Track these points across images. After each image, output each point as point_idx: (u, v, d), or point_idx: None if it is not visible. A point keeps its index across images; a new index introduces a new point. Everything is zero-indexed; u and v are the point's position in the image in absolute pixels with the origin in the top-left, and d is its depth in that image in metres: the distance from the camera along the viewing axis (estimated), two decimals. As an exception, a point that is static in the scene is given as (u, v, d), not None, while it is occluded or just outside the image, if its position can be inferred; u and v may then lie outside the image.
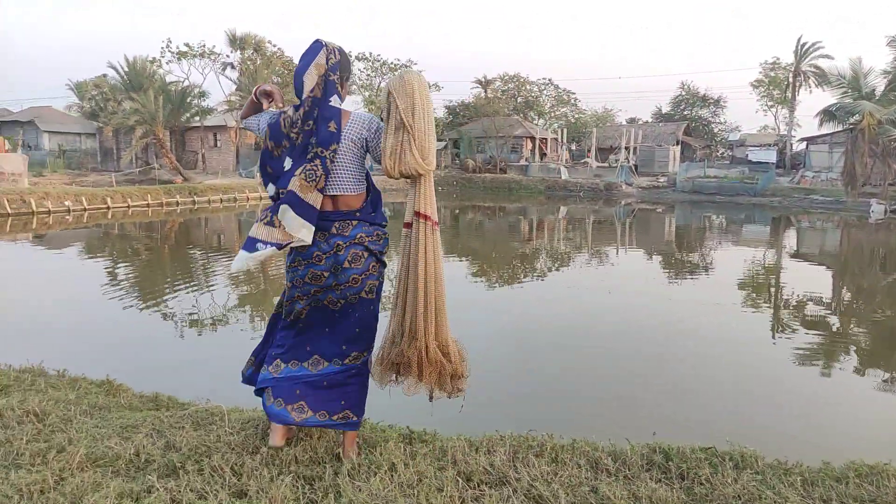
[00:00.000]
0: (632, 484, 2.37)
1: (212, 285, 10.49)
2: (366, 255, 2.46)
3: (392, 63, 41.07)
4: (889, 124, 21.23)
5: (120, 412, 3.29)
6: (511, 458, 2.57)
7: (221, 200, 25.39)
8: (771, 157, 36.02)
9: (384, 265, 2.58)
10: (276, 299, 2.76)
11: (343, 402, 2.50)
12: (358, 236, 2.44)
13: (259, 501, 2.18)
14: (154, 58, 33.54)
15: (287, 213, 2.36)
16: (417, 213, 2.43)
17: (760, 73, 45.10)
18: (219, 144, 36.29)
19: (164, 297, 9.43)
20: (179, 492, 2.25)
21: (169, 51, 34.40)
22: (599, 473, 2.48)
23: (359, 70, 41.12)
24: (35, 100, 63.22)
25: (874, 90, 25.60)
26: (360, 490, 2.22)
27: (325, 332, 2.52)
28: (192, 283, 10.71)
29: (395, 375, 2.54)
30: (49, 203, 20.01)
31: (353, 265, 2.43)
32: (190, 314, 8.23)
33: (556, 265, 13.79)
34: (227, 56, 34.90)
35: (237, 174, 32.59)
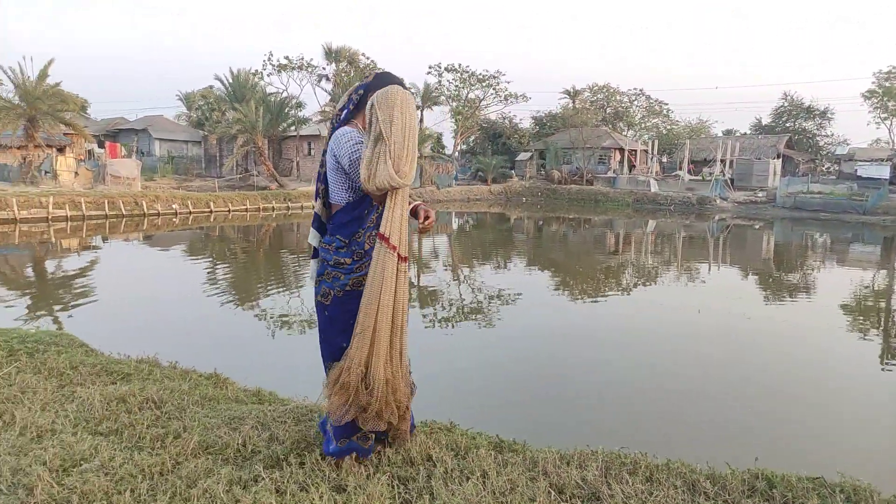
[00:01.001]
0: None
1: (302, 286, 10.95)
2: (322, 261, 2.60)
3: (481, 74, 41.36)
4: None
5: (227, 404, 3.50)
6: (604, 473, 2.55)
7: (313, 207, 26.32)
8: (883, 172, 33.43)
9: (340, 277, 2.51)
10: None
11: None
12: (320, 242, 2.64)
13: (357, 497, 2.27)
14: (256, 70, 35.51)
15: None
16: (381, 236, 2.36)
17: (874, 82, 42.03)
18: (312, 153, 37.79)
19: (259, 297, 9.95)
20: (283, 482, 2.39)
21: (270, 63, 36.31)
22: (697, 496, 2.41)
23: (448, 81, 41.73)
24: (148, 109, 68.50)
25: None
26: (453, 494, 2.27)
27: None
28: (284, 285, 11.24)
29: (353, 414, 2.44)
30: (159, 206, 21.57)
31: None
32: (283, 315, 8.63)
33: (643, 280, 13.39)
34: (323, 69, 36.43)
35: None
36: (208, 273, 12.48)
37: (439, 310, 9.42)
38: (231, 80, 32.89)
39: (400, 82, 2.47)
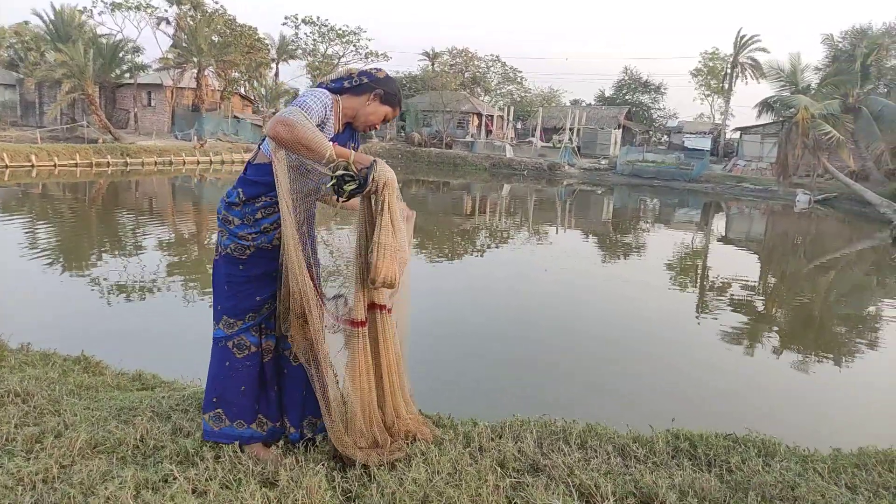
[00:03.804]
0: (662, 471, 2.37)
1: (142, 250, 10.15)
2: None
3: (340, 29, 40.07)
4: (821, 119, 22.30)
5: (109, 392, 3.11)
6: (538, 444, 2.54)
7: (156, 163, 24.36)
8: (706, 144, 37.27)
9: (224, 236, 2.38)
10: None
11: None
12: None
13: (294, 492, 2.03)
14: (85, 7, 31.70)
15: None
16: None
17: (700, 62, 46.46)
18: (153, 104, 34.65)
19: (97, 264, 9.08)
20: (201, 481, 2.09)
21: (101, 1, 32.51)
22: (629, 460, 2.47)
23: (305, 34, 40.01)
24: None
25: (809, 85, 26.82)
26: (401, 481, 2.11)
27: None
28: (121, 249, 10.34)
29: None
30: (-36, 158, 18.75)
31: None
32: (123, 282, 7.95)
33: (496, 242, 13.97)
34: (165, 11, 33.30)
35: (172, 136, 31.28)
36: (29, 236, 11.13)
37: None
38: (53, 17, 29.05)
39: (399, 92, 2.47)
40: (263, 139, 2.30)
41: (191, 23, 31.73)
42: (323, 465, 2.21)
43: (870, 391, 5.94)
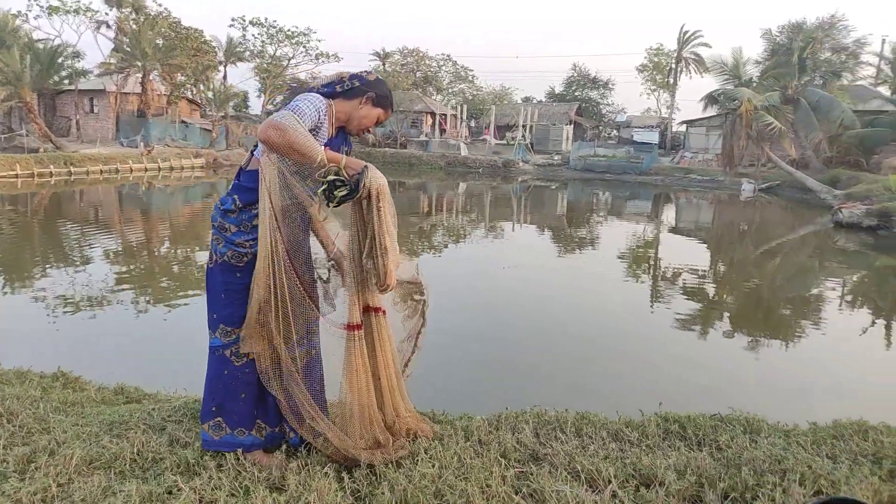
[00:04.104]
0: (658, 452, 2.45)
1: (90, 261, 9.84)
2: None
3: (289, 30, 39.50)
4: (763, 110, 23.18)
5: (95, 407, 3.01)
6: (535, 434, 2.60)
7: (101, 171, 23.54)
8: (654, 138, 38.26)
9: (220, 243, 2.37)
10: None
11: None
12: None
13: (304, 495, 2.01)
14: (19, 11, 30.40)
15: None
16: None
17: (645, 58, 47.66)
18: (95, 110, 33.45)
19: (42, 276, 8.75)
20: (208, 491, 2.05)
21: (37, 5, 31.23)
22: (623, 444, 2.56)
23: (253, 36, 39.28)
24: None
25: (751, 78, 27.81)
26: (410, 477, 2.12)
27: None
28: (67, 261, 10.00)
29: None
30: None
31: None
32: (72, 296, 7.69)
33: (454, 241, 14.06)
34: (106, 14, 32.20)
35: (118, 143, 30.30)
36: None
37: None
38: (-16, 22, 27.72)
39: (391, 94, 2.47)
40: (256, 145, 2.29)
41: (133, 26, 30.78)
42: (331, 466, 2.21)
43: (821, 366, 6.26)
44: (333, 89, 2.36)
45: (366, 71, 2.48)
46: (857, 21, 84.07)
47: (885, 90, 31.62)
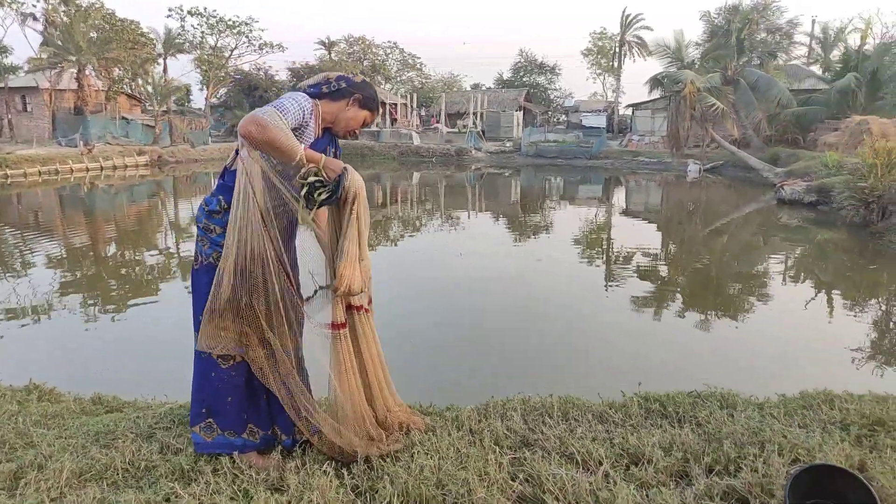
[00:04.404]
0: (643, 431, 2.54)
1: (33, 266, 9.47)
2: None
3: (230, 20, 38.46)
4: (706, 92, 23.89)
5: (76, 419, 2.93)
6: (524, 420, 2.67)
7: (40, 173, 22.52)
8: (601, 122, 38.99)
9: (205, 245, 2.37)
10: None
11: None
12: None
13: (305, 494, 2.02)
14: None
15: None
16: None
17: (590, 42, 48.41)
18: (29, 108, 31.89)
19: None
20: (208, 496, 2.03)
21: (-43, -2, 29.47)
22: (609, 425, 2.64)
23: (192, 27, 38.12)
24: None
25: (693, 61, 28.58)
26: (409, 469, 2.15)
27: None
28: (9, 268, 9.58)
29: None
30: None
31: None
32: (42, 300, 7.39)
33: (410, 231, 14.07)
34: (34, 5, 30.63)
35: (55, 142, 29.00)
36: None
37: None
38: None
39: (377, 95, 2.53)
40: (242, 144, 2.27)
41: (64, 18, 29.39)
42: (329, 463, 2.23)
43: (773, 338, 6.56)
44: (320, 90, 2.36)
45: (352, 72, 2.49)
46: (789, 2, 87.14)
47: (817, 69, 33.03)
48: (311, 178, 2.16)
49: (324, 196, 2.16)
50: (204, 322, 2.24)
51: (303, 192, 2.17)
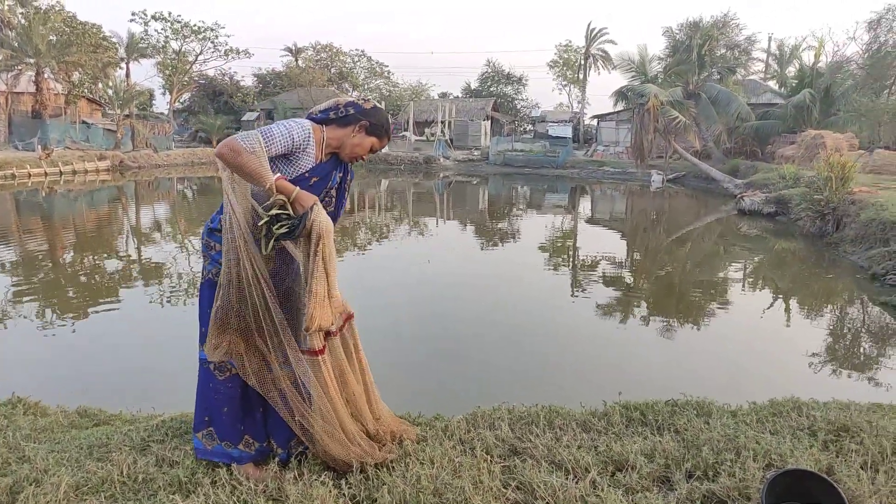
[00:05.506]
0: (625, 439, 2.62)
1: None
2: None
3: (195, 25, 37.94)
4: (669, 105, 24.57)
5: (66, 433, 2.90)
6: (511, 429, 2.73)
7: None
8: (567, 132, 39.61)
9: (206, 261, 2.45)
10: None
11: None
12: None
13: None
14: None
15: None
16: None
17: (556, 54, 49.20)
18: (-14, 114, 30.88)
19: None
20: None
21: None
22: (592, 433, 2.72)
23: (156, 31, 37.47)
24: None
25: (657, 75, 29.31)
26: (406, 478, 2.18)
27: None
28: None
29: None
30: None
31: None
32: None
33: (378, 239, 14.09)
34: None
35: (11, 147, 28.12)
36: None
37: (176, 280, 8.75)
38: None
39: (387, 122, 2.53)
40: None
41: (22, 20, 28.61)
42: (327, 474, 2.27)
43: (737, 345, 6.79)
44: (328, 115, 2.41)
45: (363, 98, 2.52)
46: (747, 20, 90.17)
47: (773, 84, 34.20)
48: (275, 211, 2.14)
49: (283, 230, 2.14)
50: (208, 334, 2.29)
51: (262, 223, 2.15)
